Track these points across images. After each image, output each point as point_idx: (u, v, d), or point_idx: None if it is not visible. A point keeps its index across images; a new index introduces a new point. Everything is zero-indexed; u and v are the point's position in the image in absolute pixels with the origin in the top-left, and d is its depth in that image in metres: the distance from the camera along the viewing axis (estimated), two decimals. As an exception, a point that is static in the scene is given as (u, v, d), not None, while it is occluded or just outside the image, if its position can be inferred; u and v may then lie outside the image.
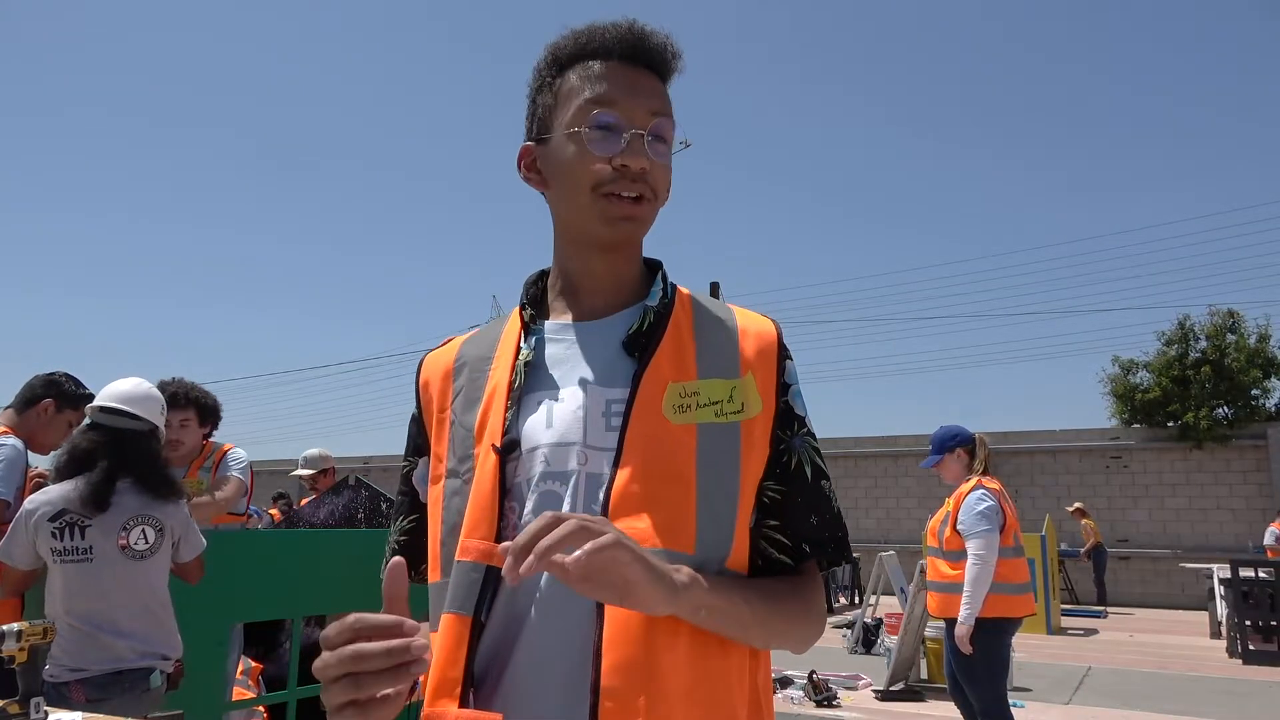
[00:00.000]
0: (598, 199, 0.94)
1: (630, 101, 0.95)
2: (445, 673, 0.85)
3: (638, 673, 0.82)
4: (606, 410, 0.92)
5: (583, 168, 0.94)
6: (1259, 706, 6.74)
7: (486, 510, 0.89)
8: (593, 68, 0.96)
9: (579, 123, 0.94)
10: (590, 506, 0.88)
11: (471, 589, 0.87)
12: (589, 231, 0.97)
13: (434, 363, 1.05)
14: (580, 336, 0.98)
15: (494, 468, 0.90)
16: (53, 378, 3.25)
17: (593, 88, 0.95)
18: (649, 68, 0.98)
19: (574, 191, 0.96)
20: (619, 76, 0.96)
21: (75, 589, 2.58)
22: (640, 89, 0.96)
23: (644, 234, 1.00)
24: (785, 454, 0.98)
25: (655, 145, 0.96)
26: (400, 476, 1.08)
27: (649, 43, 0.97)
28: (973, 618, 4.15)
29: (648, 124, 0.95)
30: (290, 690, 3.05)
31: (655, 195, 0.97)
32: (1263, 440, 14.41)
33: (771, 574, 0.96)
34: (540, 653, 0.85)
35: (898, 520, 16.63)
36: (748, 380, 0.97)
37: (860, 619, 9.26)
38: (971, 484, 4.41)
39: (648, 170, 0.94)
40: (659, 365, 0.94)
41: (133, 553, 2.65)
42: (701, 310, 1.02)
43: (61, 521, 2.59)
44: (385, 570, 1.03)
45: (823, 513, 0.98)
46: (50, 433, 3.21)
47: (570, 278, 1.02)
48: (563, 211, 1.00)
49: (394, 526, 1.07)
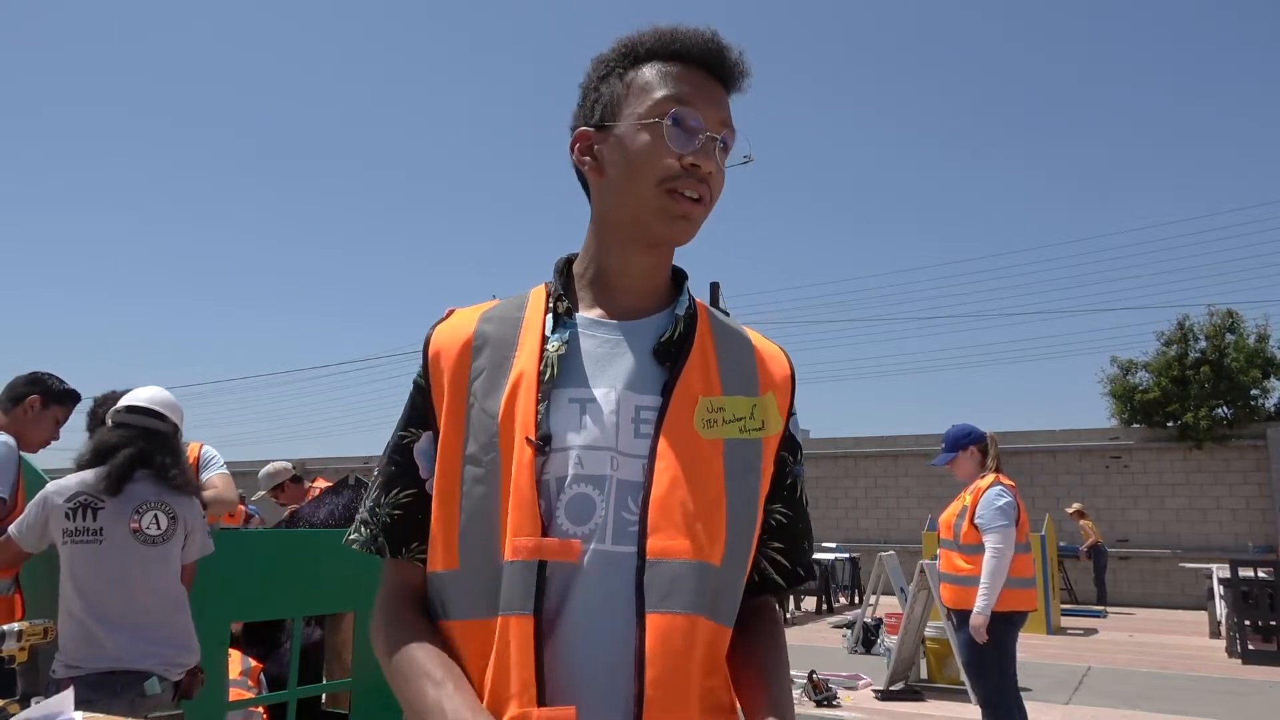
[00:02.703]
0: (661, 194, 0.95)
1: (709, 106, 0.97)
2: (520, 674, 0.84)
3: (679, 687, 0.84)
4: (636, 417, 0.93)
5: (654, 159, 0.95)
6: (1259, 706, 6.74)
7: (530, 508, 0.88)
8: (673, 67, 0.98)
9: (657, 115, 0.95)
10: (621, 514, 0.89)
11: (529, 589, 0.86)
12: (644, 225, 0.97)
13: (448, 335, 1.00)
14: (615, 336, 0.98)
15: (530, 462, 0.89)
16: (36, 375, 3.26)
17: (674, 86, 0.97)
18: (721, 80, 1.00)
19: (638, 183, 0.96)
20: (699, 81, 0.98)
21: (81, 573, 2.55)
22: (715, 98, 0.99)
23: (692, 237, 1.00)
24: (789, 479, 1.02)
25: (722, 153, 0.98)
26: (393, 447, 1.01)
27: (727, 56, 1.00)
28: (989, 609, 4.26)
29: (720, 131, 0.97)
30: (290, 690, 3.05)
31: (711, 201, 0.98)
32: (1262, 440, 14.40)
33: (766, 591, 1.02)
34: (586, 651, 0.85)
35: (898, 520, 16.62)
36: (768, 398, 1.00)
37: (860, 619, 9.26)
38: (989, 480, 4.53)
39: (713, 174, 0.96)
40: (689, 378, 0.95)
41: (144, 537, 2.61)
42: (719, 325, 1.04)
43: (75, 502, 2.60)
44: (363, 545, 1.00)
45: (810, 540, 1.08)
46: (38, 429, 3.22)
47: (605, 272, 1.02)
48: (617, 202, 0.99)
49: (382, 499, 1.00)
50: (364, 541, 1.01)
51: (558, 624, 0.86)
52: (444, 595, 0.93)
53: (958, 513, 4.59)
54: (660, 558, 0.86)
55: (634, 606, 0.85)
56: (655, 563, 0.86)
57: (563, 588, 0.87)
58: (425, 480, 0.98)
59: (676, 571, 0.86)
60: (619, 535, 0.88)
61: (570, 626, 0.86)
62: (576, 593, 0.86)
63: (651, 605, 0.85)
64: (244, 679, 3.21)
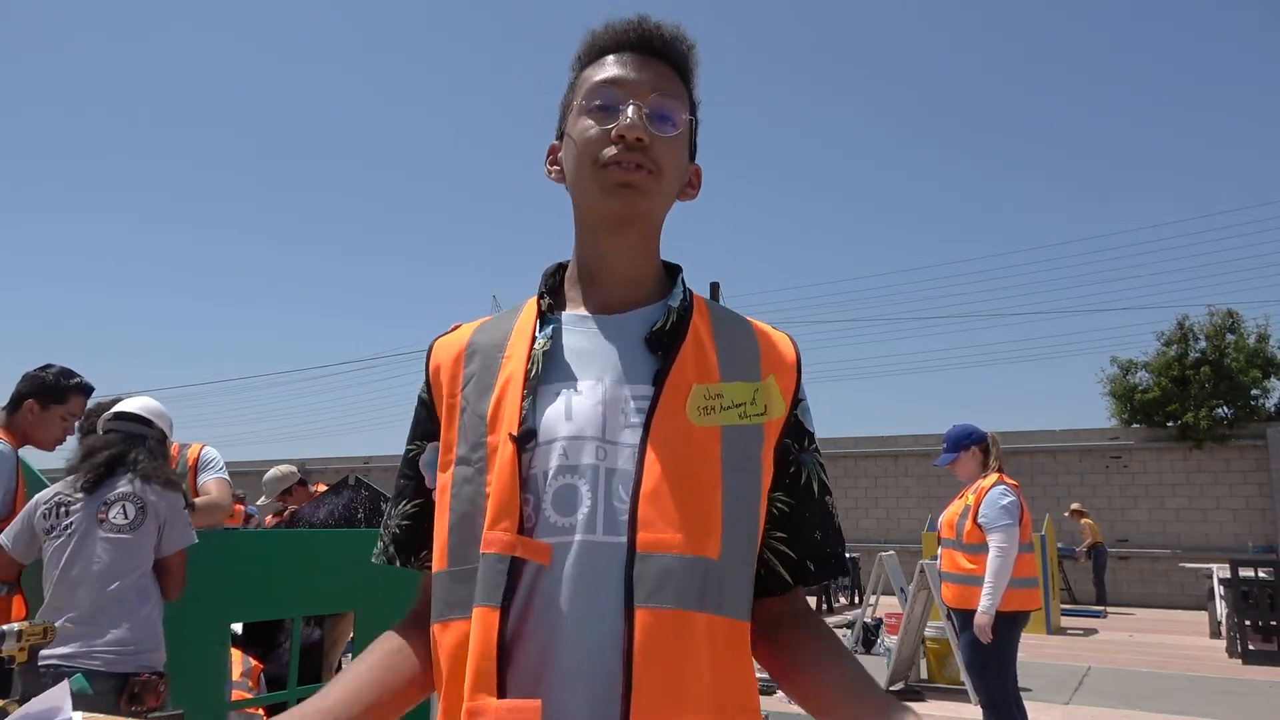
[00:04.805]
0: (598, 170, 0.96)
1: (634, 79, 0.97)
2: (480, 665, 0.84)
3: (669, 678, 0.83)
4: (626, 406, 0.92)
5: (585, 143, 0.96)
6: (1259, 706, 6.74)
7: (509, 502, 0.88)
8: (605, 59, 1.00)
9: (584, 101, 0.98)
10: (611, 503, 0.88)
11: (499, 581, 0.86)
12: (594, 207, 0.98)
13: (445, 347, 1.04)
14: (600, 329, 0.98)
15: (512, 457, 0.89)
16: (33, 375, 3.25)
17: (601, 72, 0.99)
18: (659, 56, 1.01)
19: (581, 168, 0.97)
20: (627, 61, 0.99)
21: (51, 569, 2.60)
22: (647, 69, 0.99)
23: (650, 210, 0.98)
24: (794, 467, 1.00)
25: (658, 122, 0.97)
26: (404, 461, 1.05)
27: (658, 32, 1.00)
28: (994, 608, 4.26)
29: (647, 98, 0.97)
30: (290, 690, 3.05)
31: (659, 170, 0.97)
32: (1262, 440, 14.41)
33: (773, 584, 0.98)
34: (568, 646, 0.85)
35: (898, 520, 16.63)
36: (769, 383, 0.98)
37: (860, 619, 9.26)
38: (992, 480, 4.54)
39: (646, 142, 0.95)
40: (683, 366, 0.94)
41: (110, 526, 2.63)
42: (719, 315, 1.03)
43: (52, 503, 2.68)
44: (378, 557, 1.05)
45: (826, 529, 1.01)
46: (43, 431, 3.23)
47: (587, 267, 1.02)
48: (575, 195, 1.01)
49: (394, 511, 1.05)
50: (378, 553, 1.05)
51: (535, 617, 0.86)
52: (437, 595, 0.94)
53: (960, 512, 4.58)
54: (651, 551, 0.85)
55: (623, 600, 0.84)
56: (646, 556, 0.85)
57: (546, 582, 0.86)
58: (431, 490, 1.00)
59: (667, 566, 0.85)
60: (609, 526, 0.87)
61: (549, 620, 0.85)
62: (561, 586, 0.86)
63: (641, 599, 0.84)
64: (244, 679, 3.21)
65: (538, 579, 0.86)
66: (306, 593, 3.02)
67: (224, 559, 2.86)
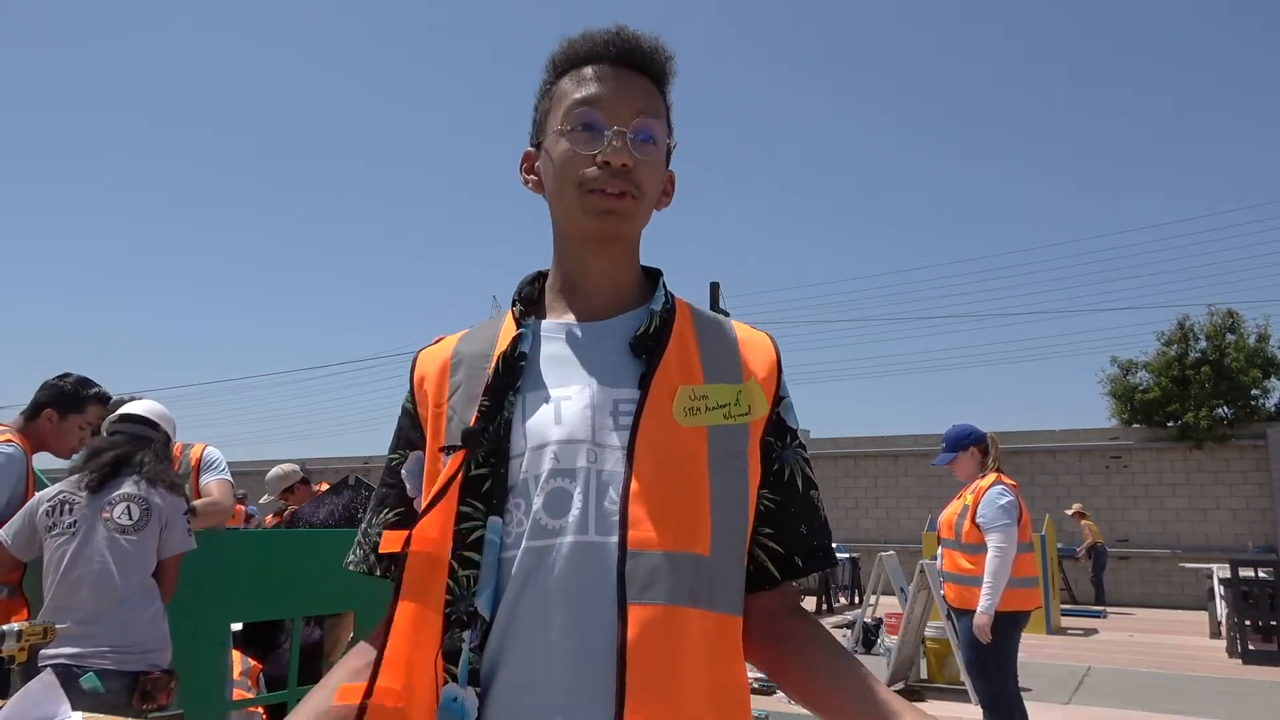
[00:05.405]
0: (583, 195, 0.96)
1: (616, 100, 0.97)
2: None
3: (662, 673, 0.84)
4: (614, 410, 0.93)
5: (569, 166, 0.97)
6: (1259, 706, 6.74)
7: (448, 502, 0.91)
8: (584, 71, 0.99)
9: (566, 123, 0.98)
10: (602, 504, 0.89)
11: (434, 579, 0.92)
12: (579, 227, 0.99)
13: (430, 359, 1.05)
14: (583, 335, 1.00)
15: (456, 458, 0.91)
16: (52, 384, 3.27)
17: (583, 89, 0.98)
18: (640, 70, 1.00)
19: (563, 189, 0.98)
20: (607, 77, 0.98)
21: (52, 567, 2.60)
22: (627, 89, 0.98)
23: (633, 230, 1.01)
24: (777, 464, 1.01)
25: (641, 145, 0.97)
26: (385, 469, 1.06)
27: (638, 45, 1.00)
28: (993, 608, 4.26)
29: (631, 122, 0.97)
30: (290, 690, 3.05)
31: (641, 192, 0.98)
32: (1262, 440, 14.41)
33: (761, 579, 0.99)
34: (561, 644, 0.85)
35: (898, 520, 16.62)
36: (752, 384, 1.00)
37: (860, 619, 9.24)
38: (991, 480, 4.54)
39: (630, 167, 0.96)
40: (668, 368, 0.95)
41: (115, 525, 2.63)
42: (701, 318, 1.04)
43: (55, 501, 2.68)
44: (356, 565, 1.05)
45: (812, 523, 1.03)
46: (63, 439, 3.26)
47: (569, 277, 1.04)
48: (556, 211, 1.02)
49: (373, 519, 1.04)
50: (357, 562, 1.06)
51: (531, 617, 0.87)
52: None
53: (959, 512, 4.59)
54: (641, 549, 0.86)
55: (616, 597, 0.85)
56: (637, 554, 0.86)
57: (538, 580, 0.87)
58: (414, 499, 1.01)
59: (657, 563, 0.86)
60: (601, 526, 0.88)
61: (542, 618, 0.86)
62: (553, 584, 0.87)
63: (633, 596, 0.85)
64: (244, 679, 3.21)
65: (530, 577, 0.87)
66: (306, 593, 3.02)
67: (224, 559, 2.86)
